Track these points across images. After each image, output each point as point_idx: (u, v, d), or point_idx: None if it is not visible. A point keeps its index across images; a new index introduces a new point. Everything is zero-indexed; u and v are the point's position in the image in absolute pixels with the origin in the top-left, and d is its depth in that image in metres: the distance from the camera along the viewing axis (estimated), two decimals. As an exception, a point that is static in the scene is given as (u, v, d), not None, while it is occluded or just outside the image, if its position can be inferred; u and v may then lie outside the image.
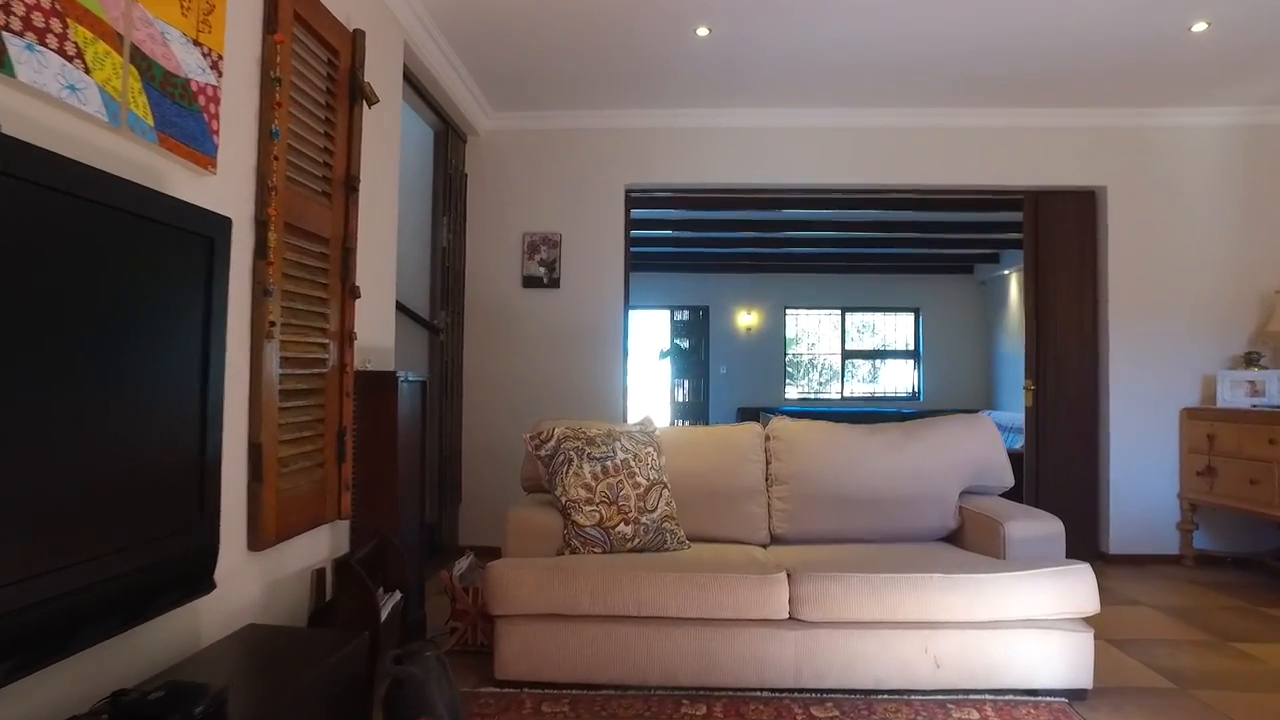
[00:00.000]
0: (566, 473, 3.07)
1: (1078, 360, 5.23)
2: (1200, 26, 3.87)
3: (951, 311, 11.14)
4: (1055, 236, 5.23)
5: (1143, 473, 5.04)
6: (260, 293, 2.35)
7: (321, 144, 2.78)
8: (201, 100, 1.97)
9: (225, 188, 2.16)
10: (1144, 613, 3.91)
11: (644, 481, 3.10)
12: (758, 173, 5.18)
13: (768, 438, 3.49)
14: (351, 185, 2.96)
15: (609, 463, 3.09)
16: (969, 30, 3.97)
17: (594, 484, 3.04)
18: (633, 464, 3.11)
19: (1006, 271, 10.18)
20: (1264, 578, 4.66)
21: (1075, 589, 2.70)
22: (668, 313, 11.28)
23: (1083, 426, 5.20)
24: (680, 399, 11.19)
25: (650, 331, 11.40)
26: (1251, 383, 4.79)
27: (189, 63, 1.89)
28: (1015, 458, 5.22)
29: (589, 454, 3.10)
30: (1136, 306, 5.09)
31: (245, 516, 2.31)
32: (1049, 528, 2.96)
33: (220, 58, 2.05)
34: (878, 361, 11.64)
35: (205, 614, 2.05)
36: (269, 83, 2.35)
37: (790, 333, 11.49)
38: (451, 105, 4.70)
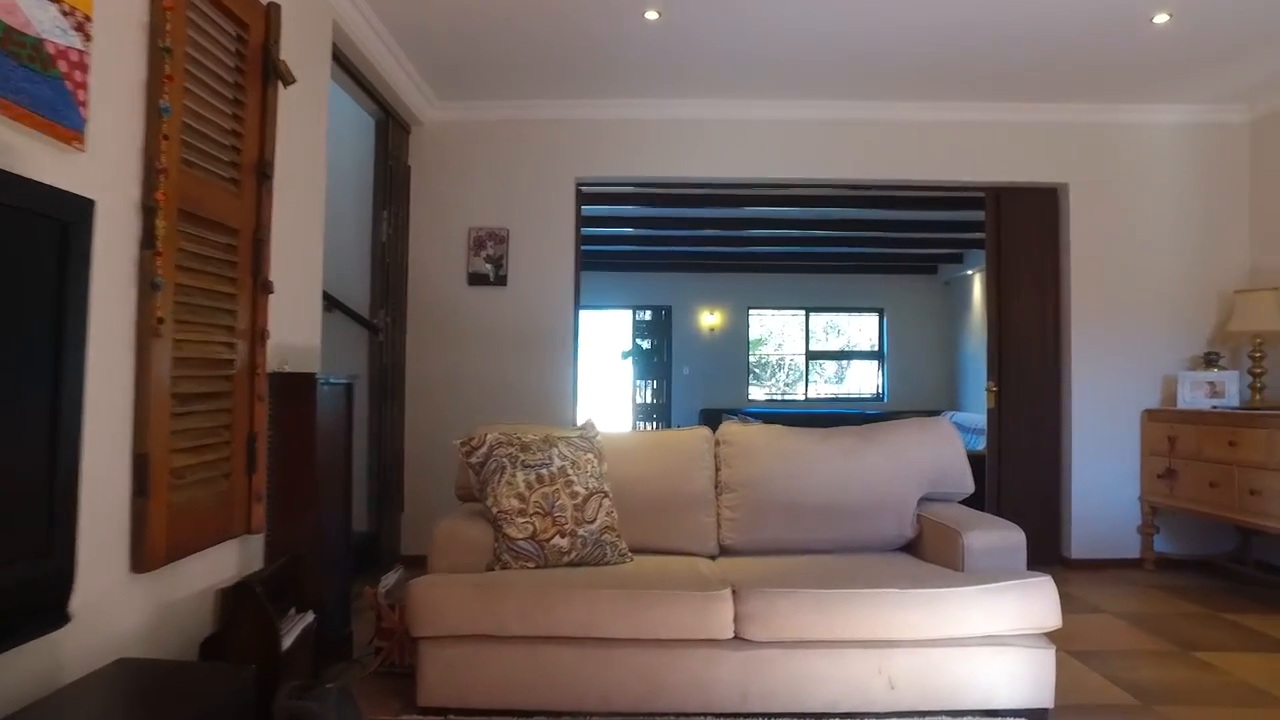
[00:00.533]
0: (498, 481, 2.87)
1: (1040, 361, 5.13)
2: (1162, 18, 3.76)
3: (915, 312, 11.09)
4: (1017, 234, 5.13)
5: (1105, 475, 4.95)
6: (147, 286, 2.12)
7: (229, 126, 2.55)
8: (63, 66, 1.74)
9: (98, 168, 1.93)
10: (1105, 621, 3.79)
11: (582, 490, 2.90)
12: (714, 166, 5.01)
13: (718, 443, 3.31)
14: (264, 171, 2.72)
15: (544, 470, 2.89)
16: (929, 21, 3.83)
17: (527, 494, 2.84)
18: (570, 472, 2.91)
19: (970, 271, 10.13)
20: (1221, 581, 4.59)
21: (1036, 603, 2.55)
22: (630, 313, 11.09)
23: (1045, 428, 5.09)
24: (642, 400, 11.01)
25: (612, 332, 11.22)
26: (1211, 383, 4.72)
27: (42, 20, 1.66)
28: (980, 460, 5.13)
29: (523, 461, 2.89)
30: (1098, 306, 5.00)
31: (128, 535, 2.07)
32: (1009, 537, 2.82)
33: (88, 19, 1.82)
34: (844, 362, 11.56)
35: (69, 647, 1.81)
36: (157, 52, 2.12)
37: (757, 333, 11.40)
38: (391, 93, 4.46)
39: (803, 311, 11.24)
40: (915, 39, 4.05)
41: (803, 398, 11.36)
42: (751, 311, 11.10)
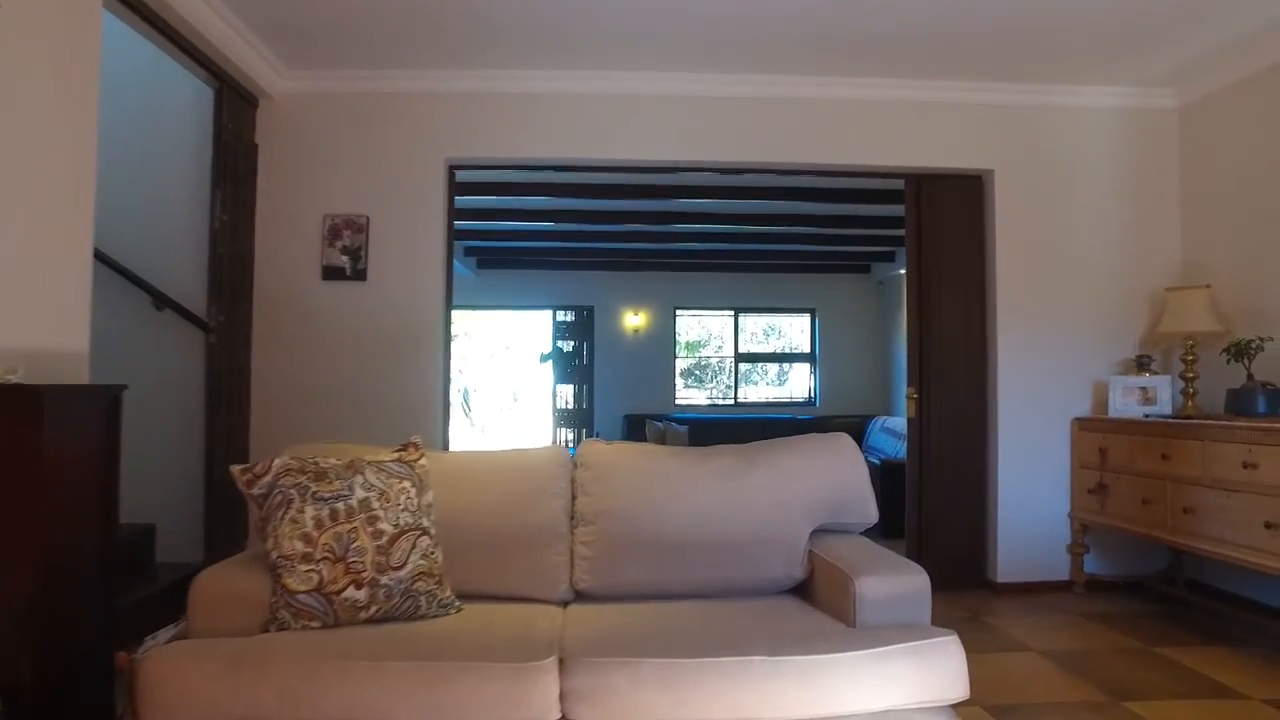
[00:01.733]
0: (281, 519, 2.28)
1: (964, 364, 4.71)
2: (1090, -20, 3.35)
3: (848, 313, 10.74)
4: (939, 225, 4.70)
5: (1033, 490, 4.54)
6: None
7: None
8: None
9: None
10: (1030, 662, 3.34)
11: (389, 528, 2.33)
12: (606, 147, 4.48)
13: (576, 465, 2.77)
14: (-42, 122, 2.11)
15: (340, 504, 2.31)
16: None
17: (316, 534, 2.26)
18: (375, 505, 2.34)
19: (903, 270, 9.73)
20: (1154, 604, 4.21)
21: (938, 669, 2.06)
22: (550, 313, 10.51)
23: (970, 438, 4.67)
24: (563, 406, 10.44)
25: (531, 333, 10.66)
26: (1143, 389, 4.34)
27: None
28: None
29: (314, 493, 2.31)
30: (1026, 304, 4.60)
31: None
32: (910, 584, 2.32)
33: None
34: (786, 365, 11.15)
35: None
36: None
37: (697, 335, 11.02)
38: (223, 57, 3.83)
39: (731, 312, 10.78)
40: (821, 7, 3.57)
41: (733, 402, 10.91)
42: (678, 312, 10.61)
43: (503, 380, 15.57)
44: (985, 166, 4.59)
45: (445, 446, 4.45)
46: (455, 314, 4.59)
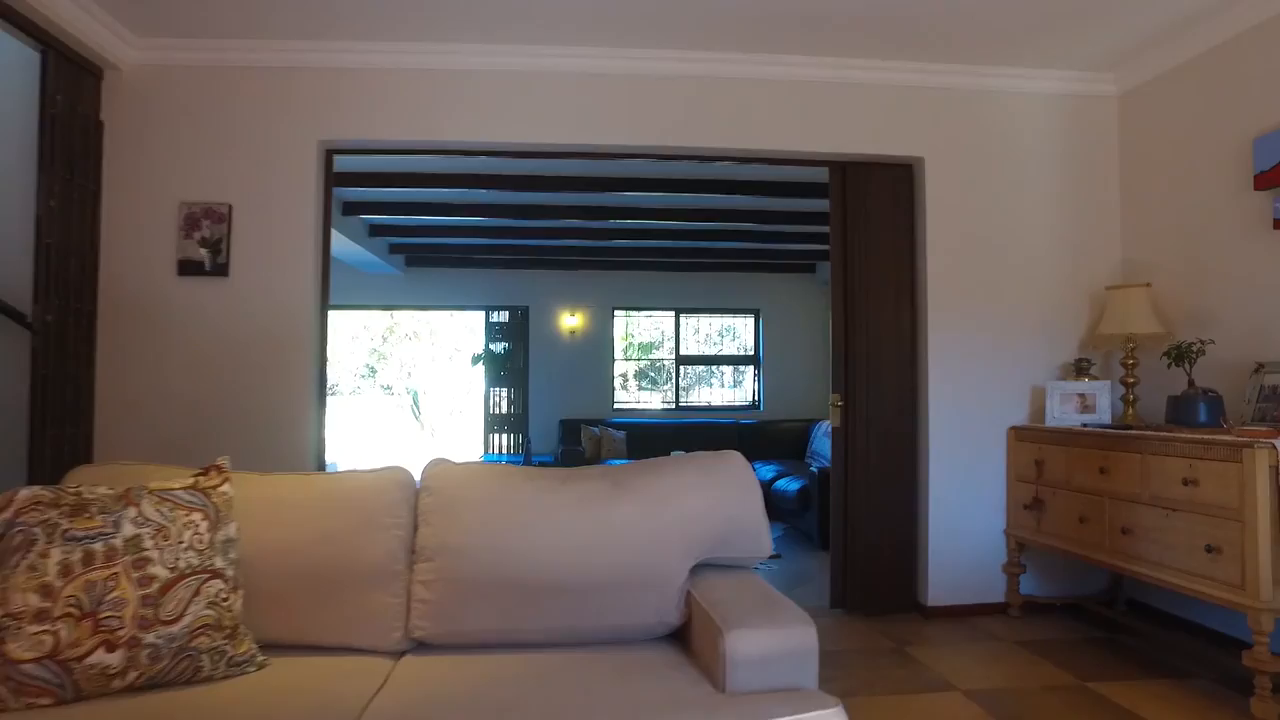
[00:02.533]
0: (16, 566, 1.83)
1: (894, 369, 4.38)
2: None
3: (793, 314, 10.41)
4: (867, 217, 4.37)
5: (967, 505, 4.22)
6: None
7: None
8: None
9: None
10: (953, 706, 2.99)
11: (163, 572, 1.90)
12: (507, 128, 4.03)
13: (420, 490, 2.35)
14: None
15: (99, 545, 1.87)
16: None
17: (59, 584, 1.81)
18: (147, 544, 1.91)
19: (845, 272, 9.48)
20: (1092, 629, 3.91)
21: (816, 747, 1.68)
22: (483, 313, 10.04)
23: (899, 449, 4.34)
24: (497, 410, 9.97)
25: (467, 334, 10.18)
26: (1082, 396, 4.04)
27: None
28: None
29: (66, 531, 1.87)
30: (960, 303, 4.27)
31: None
32: (793, 639, 1.93)
33: None
34: (740, 368, 10.82)
35: None
36: None
37: (651, 336, 10.66)
38: (44, 19, 3.33)
39: (672, 313, 10.41)
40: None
41: (674, 406, 10.54)
42: (617, 313, 10.20)
43: (452, 383, 15.10)
44: (915, 154, 4.25)
45: (321, 464, 4.00)
46: (401, 315, 4.14)
